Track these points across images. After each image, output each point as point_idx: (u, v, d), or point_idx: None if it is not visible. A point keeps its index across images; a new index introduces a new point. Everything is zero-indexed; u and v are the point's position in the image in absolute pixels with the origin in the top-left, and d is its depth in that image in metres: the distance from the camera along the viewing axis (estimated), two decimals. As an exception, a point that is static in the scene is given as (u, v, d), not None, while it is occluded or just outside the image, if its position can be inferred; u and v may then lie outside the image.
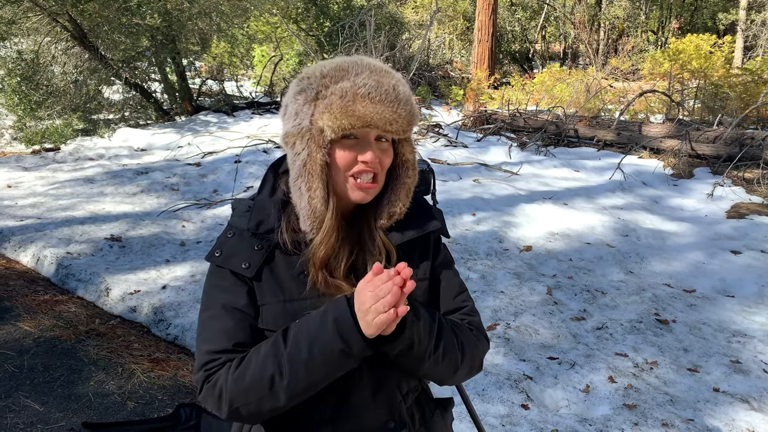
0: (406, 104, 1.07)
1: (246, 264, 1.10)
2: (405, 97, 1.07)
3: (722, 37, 12.39)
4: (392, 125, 1.06)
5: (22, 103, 9.48)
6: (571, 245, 5.08)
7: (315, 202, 1.07)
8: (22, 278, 4.51)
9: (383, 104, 1.04)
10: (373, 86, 1.04)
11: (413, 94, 1.12)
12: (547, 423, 2.74)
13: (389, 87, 1.05)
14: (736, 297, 4.20)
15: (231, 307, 1.11)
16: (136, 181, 7.05)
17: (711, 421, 2.78)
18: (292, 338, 1.04)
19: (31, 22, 9.68)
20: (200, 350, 1.11)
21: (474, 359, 1.20)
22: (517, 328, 3.63)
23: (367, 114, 1.03)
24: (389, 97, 1.04)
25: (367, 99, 1.03)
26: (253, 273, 1.10)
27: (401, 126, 1.07)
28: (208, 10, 10.84)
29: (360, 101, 1.02)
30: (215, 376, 1.07)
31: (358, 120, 1.03)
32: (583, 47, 18.66)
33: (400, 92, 1.07)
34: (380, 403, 1.15)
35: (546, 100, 11.50)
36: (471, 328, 1.23)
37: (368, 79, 1.04)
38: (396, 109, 1.05)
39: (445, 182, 6.80)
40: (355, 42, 11.38)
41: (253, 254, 1.11)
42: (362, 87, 1.03)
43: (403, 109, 1.06)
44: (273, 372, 1.03)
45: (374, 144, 1.08)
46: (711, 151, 7.64)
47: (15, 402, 2.90)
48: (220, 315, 1.11)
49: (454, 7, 17.39)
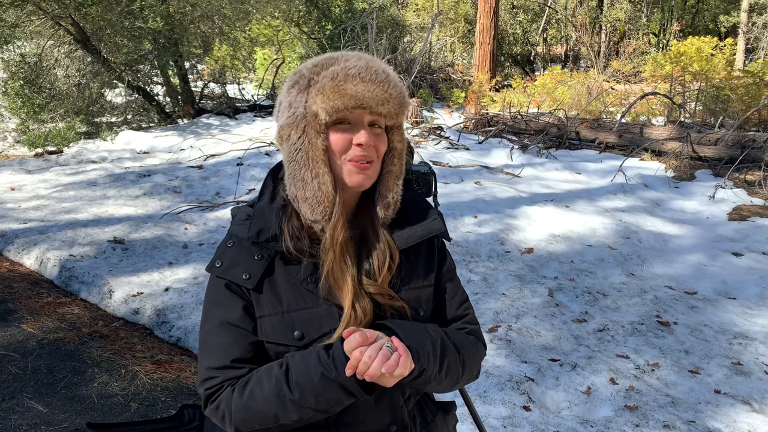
0: (396, 86, 1.08)
1: (247, 275, 1.10)
2: (395, 79, 1.09)
3: (724, 40, 12.40)
4: (384, 106, 1.06)
5: (25, 106, 9.52)
6: (573, 247, 5.08)
7: (324, 187, 1.07)
8: (26, 280, 4.53)
9: (374, 83, 1.05)
10: (362, 67, 1.06)
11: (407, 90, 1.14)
12: (549, 424, 2.75)
13: (378, 68, 1.07)
14: (738, 299, 4.20)
15: (228, 323, 1.11)
16: (139, 184, 7.07)
17: (712, 422, 2.78)
18: (295, 385, 1.05)
19: (34, 25, 9.72)
20: (201, 365, 1.13)
21: (473, 370, 1.24)
22: (519, 330, 3.64)
23: (358, 92, 1.04)
24: (380, 77, 1.06)
25: (357, 78, 1.04)
26: (254, 284, 1.10)
27: (393, 107, 1.08)
28: (210, 13, 10.90)
29: (351, 80, 1.04)
30: (217, 398, 1.09)
31: (351, 99, 1.04)
32: (585, 50, 18.68)
33: (389, 74, 1.09)
34: (383, 407, 1.17)
35: (547, 102, 11.51)
36: (471, 335, 1.26)
37: (358, 61, 1.07)
38: (386, 88, 1.06)
39: (446, 184, 6.81)
40: (356, 45, 11.40)
41: (253, 264, 1.11)
42: (353, 68, 1.05)
43: (394, 90, 1.07)
44: (277, 412, 1.06)
45: (368, 129, 1.08)
46: (712, 153, 7.64)
47: (19, 403, 2.92)
48: (217, 331, 1.12)
49: (456, 10, 17.41)
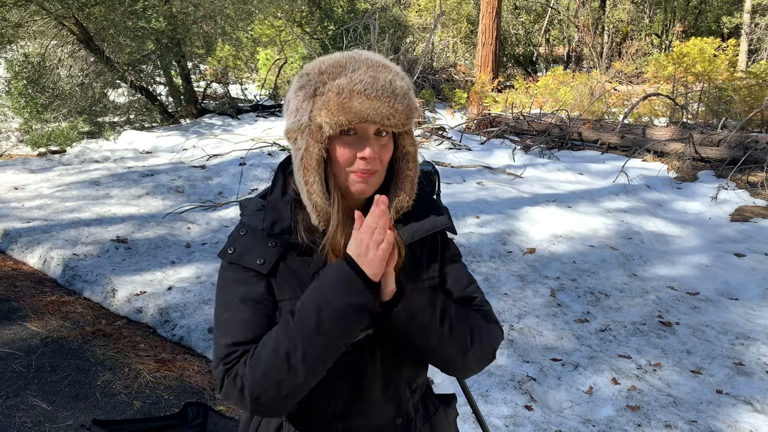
0: (404, 98, 1.07)
1: (261, 260, 1.10)
2: (402, 91, 1.07)
3: (726, 41, 12.37)
4: (389, 120, 1.06)
5: (29, 106, 9.54)
6: (575, 248, 5.09)
7: (314, 197, 1.08)
8: (30, 279, 4.54)
9: (379, 100, 1.04)
10: (369, 83, 1.04)
11: (412, 86, 1.12)
12: (551, 424, 2.75)
13: (385, 82, 1.05)
14: (740, 299, 4.20)
15: (249, 299, 1.10)
16: (142, 184, 7.09)
17: (714, 422, 2.78)
18: (298, 310, 1.04)
19: (37, 25, 9.76)
20: (218, 345, 1.10)
21: (485, 345, 1.18)
22: (521, 329, 3.64)
23: (363, 110, 1.03)
24: (386, 92, 1.05)
25: (363, 95, 1.03)
26: (268, 269, 1.10)
27: (399, 120, 1.07)
28: (213, 13, 10.91)
29: (356, 98, 1.03)
30: (234, 369, 1.06)
31: (355, 116, 1.04)
32: (587, 50, 18.66)
33: (396, 87, 1.06)
34: (390, 399, 1.17)
35: (550, 103, 11.51)
36: (480, 313, 1.23)
37: (365, 75, 1.05)
38: (392, 104, 1.05)
39: (449, 185, 6.82)
40: (359, 45, 11.41)
41: (268, 251, 1.11)
42: (358, 83, 1.04)
43: (401, 104, 1.06)
44: (287, 349, 1.02)
45: (373, 139, 1.08)
46: (715, 154, 7.64)
47: (23, 401, 2.93)
48: (237, 307, 1.10)
49: (458, 11, 17.41)
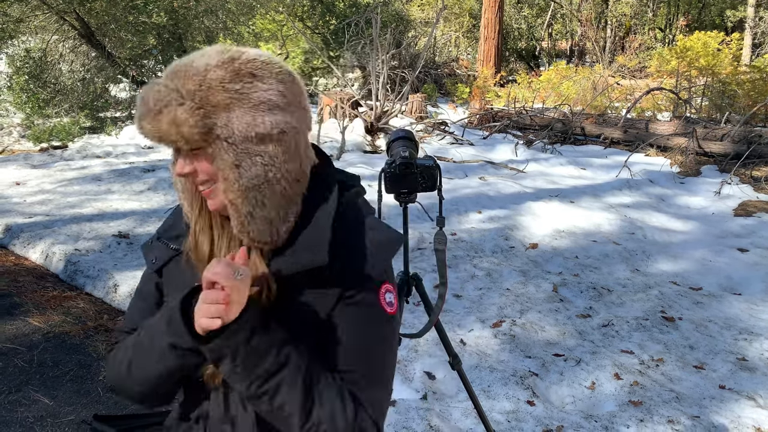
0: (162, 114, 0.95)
1: (154, 259, 1.17)
2: (160, 105, 0.95)
3: (730, 35, 12.32)
4: (165, 138, 0.97)
5: (30, 101, 9.54)
6: (578, 243, 5.07)
7: (185, 208, 1.10)
8: (31, 274, 4.55)
9: (145, 120, 0.97)
10: (140, 102, 0.99)
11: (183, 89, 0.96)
12: (553, 419, 2.75)
13: (147, 98, 0.97)
14: (743, 294, 4.19)
15: (142, 292, 1.20)
16: (143, 179, 7.08)
17: (717, 418, 2.78)
18: (144, 328, 1.07)
19: (38, 20, 9.75)
20: None
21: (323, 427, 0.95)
22: (523, 325, 3.63)
23: (142, 131, 0.99)
24: (148, 111, 0.96)
25: (138, 117, 1.00)
26: (156, 267, 1.16)
27: (172, 137, 0.96)
28: (214, 8, 10.89)
29: (137, 120, 1.01)
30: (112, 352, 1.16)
31: (146, 136, 1.00)
32: (590, 45, 18.59)
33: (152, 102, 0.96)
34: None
35: (552, 97, 11.48)
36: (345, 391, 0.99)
37: (145, 91, 0.99)
38: (151, 122, 0.96)
39: (451, 180, 6.80)
40: (361, 39, 11.38)
41: (163, 252, 1.16)
42: (139, 106, 0.99)
43: (159, 121, 0.95)
44: (130, 359, 1.07)
45: (185, 154, 0.99)
46: (718, 148, 7.61)
47: (25, 396, 2.93)
48: (135, 298, 1.21)
49: (460, 5, 17.36)
